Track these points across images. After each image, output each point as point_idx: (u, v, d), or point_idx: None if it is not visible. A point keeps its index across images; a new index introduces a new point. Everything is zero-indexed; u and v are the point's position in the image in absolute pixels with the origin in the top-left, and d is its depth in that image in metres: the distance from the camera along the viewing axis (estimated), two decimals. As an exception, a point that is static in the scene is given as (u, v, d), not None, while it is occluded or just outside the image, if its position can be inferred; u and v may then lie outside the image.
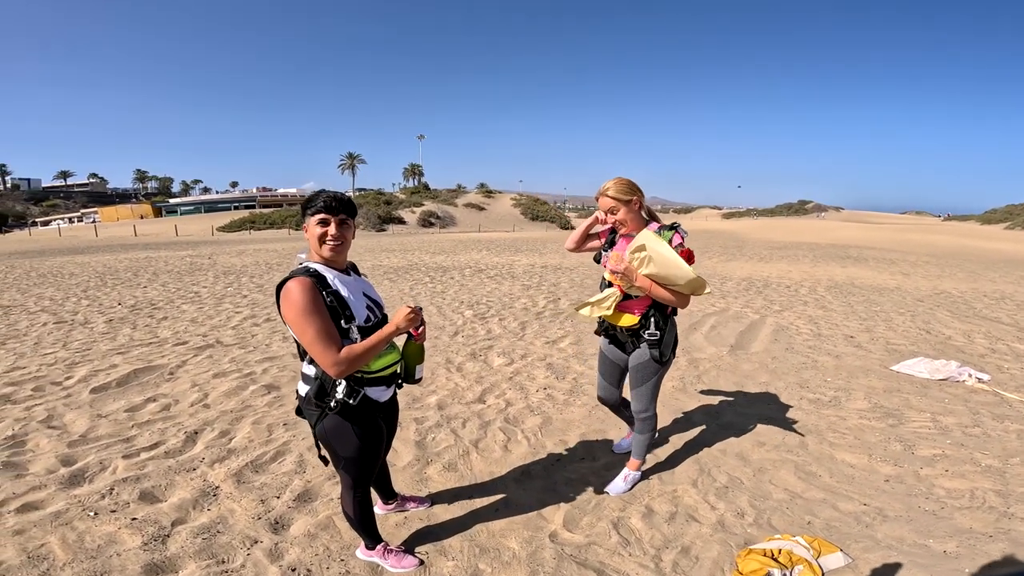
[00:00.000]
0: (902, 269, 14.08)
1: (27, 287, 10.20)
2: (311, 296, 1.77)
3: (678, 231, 2.57)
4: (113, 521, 2.55)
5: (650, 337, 2.68)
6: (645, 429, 2.93)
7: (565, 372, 4.93)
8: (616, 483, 2.99)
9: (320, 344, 1.77)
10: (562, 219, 58.35)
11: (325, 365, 1.80)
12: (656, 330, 2.67)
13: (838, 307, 8.34)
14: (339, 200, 1.90)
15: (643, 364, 2.76)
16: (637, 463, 3.03)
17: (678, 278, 2.41)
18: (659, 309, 2.68)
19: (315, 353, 1.79)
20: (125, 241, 29.84)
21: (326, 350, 1.78)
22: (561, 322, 7.02)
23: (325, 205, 1.88)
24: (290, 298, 1.78)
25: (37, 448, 3.28)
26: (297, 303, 1.76)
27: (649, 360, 2.73)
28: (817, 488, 3.01)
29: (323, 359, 1.79)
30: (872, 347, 5.96)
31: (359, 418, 1.98)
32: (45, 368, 4.86)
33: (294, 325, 1.79)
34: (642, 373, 2.78)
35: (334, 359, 1.79)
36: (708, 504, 2.84)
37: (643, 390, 2.82)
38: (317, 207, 1.89)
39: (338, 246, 1.91)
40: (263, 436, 3.48)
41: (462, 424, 3.74)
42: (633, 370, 2.82)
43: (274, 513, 2.64)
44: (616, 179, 2.59)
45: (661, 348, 2.69)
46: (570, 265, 14.12)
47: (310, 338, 1.77)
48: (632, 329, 2.73)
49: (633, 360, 2.81)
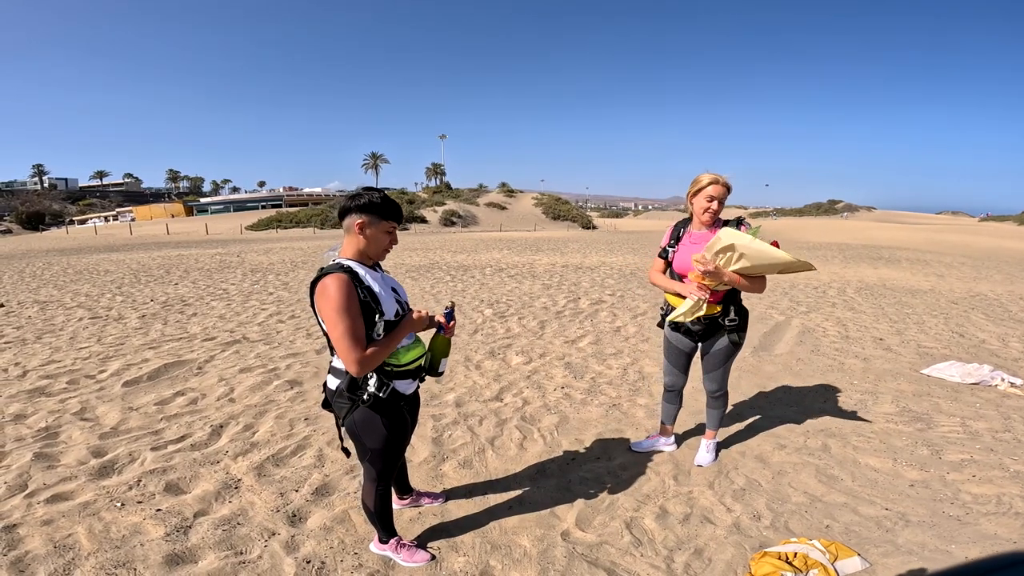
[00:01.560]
0: (936, 271, 13.65)
1: (64, 283, 10.59)
2: (347, 294, 1.83)
3: (743, 223, 2.71)
4: (139, 512, 2.64)
5: (731, 323, 2.85)
6: (719, 405, 3.20)
7: (583, 372, 4.92)
8: (702, 455, 3.25)
9: (348, 341, 1.84)
10: (584, 218, 58.10)
11: (349, 361, 1.86)
12: (736, 316, 2.85)
13: (868, 309, 8.13)
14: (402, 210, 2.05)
15: (722, 349, 2.95)
16: (713, 433, 3.29)
17: (774, 265, 2.49)
18: (735, 296, 2.85)
19: (341, 348, 1.85)
20: (158, 239, 30.74)
21: (352, 348, 1.85)
22: (581, 322, 7.00)
23: (399, 216, 2.01)
24: (327, 294, 1.83)
25: (70, 440, 3.41)
26: (334, 300, 1.82)
27: (728, 345, 2.93)
28: (838, 492, 2.96)
29: (348, 356, 1.85)
30: (902, 350, 5.80)
31: (387, 410, 2.05)
32: (80, 362, 5.05)
33: (327, 320, 1.85)
34: (720, 357, 2.99)
35: (359, 357, 1.86)
36: (724, 506, 2.81)
37: (719, 373, 3.05)
38: (394, 217, 1.99)
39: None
40: (285, 430, 3.56)
41: (479, 422, 3.77)
42: (712, 355, 3.00)
43: (292, 506, 2.70)
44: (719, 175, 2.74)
45: (739, 332, 2.88)
46: (591, 265, 14.06)
47: (339, 334, 1.84)
48: (710, 317, 2.85)
49: (714, 347, 2.98)
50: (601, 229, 50.51)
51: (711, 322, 2.88)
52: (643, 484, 3.01)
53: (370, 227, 1.96)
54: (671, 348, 3.16)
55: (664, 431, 3.43)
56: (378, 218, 1.96)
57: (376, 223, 1.96)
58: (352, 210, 1.95)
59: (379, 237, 1.99)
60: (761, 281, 2.68)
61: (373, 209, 1.94)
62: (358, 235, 1.96)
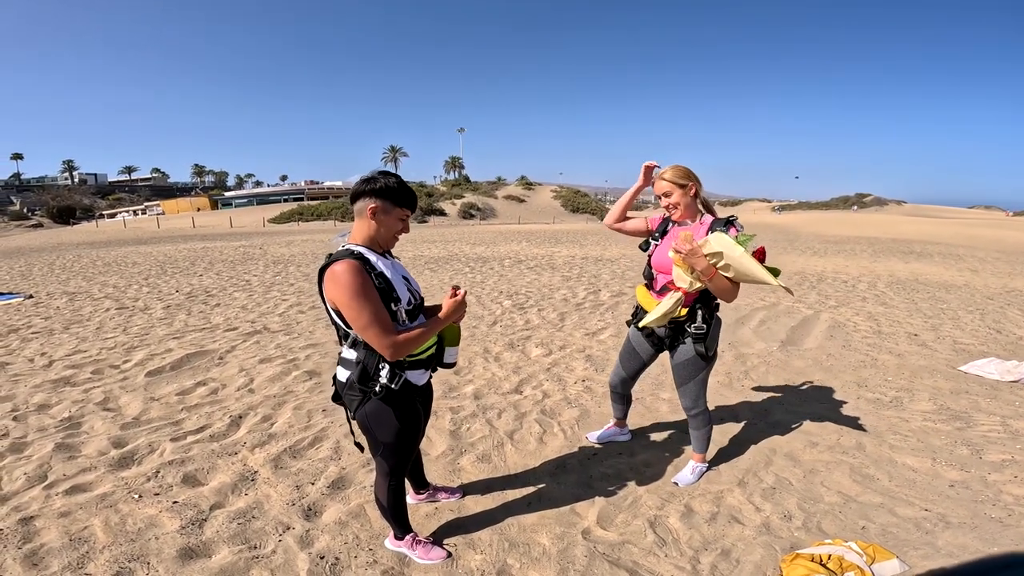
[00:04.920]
0: (970, 266, 13.16)
1: (92, 275, 10.81)
2: (362, 279, 1.75)
3: (734, 225, 2.45)
4: (155, 504, 2.62)
5: (696, 331, 2.58)
6: (699, 425, 2.86)
7: (604, 364, 4.81)
8: (684, 474, 2.93)
9: (377, 327, 1.76)
10: (603, 211, 57.57)
11: (382, 347, 1.77)
12: (703, 323, 2.57)
13: (901, 304, 7.85)
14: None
15: (688, 361, 2.67)
16: (701, 456, 2.96)
17: (756, 282, 2.31)
18: (705, 302, 2.58)
19: (371, 336, 1.76)
20: (184, 232, 31.33)
21: (383, 333, 1.77)
22: (601, 313, 6.88)
23: (413, 204, 1.93)
24: (340, 281, 1.75)
25: (92, 430, 3.43)
26: (349, 286, 1.73)
27: (694, 356, 2.64)
28: (874, 492, 2.83)
29: (380, 342, 1.77)
30: (938, 346, 5.57)
31: (400, 402, 1.97)
32: (105, 352, 5.11)
33: (347, 309, 1.75)
34: (688, 370, 2.70)
35: (391, 341, 1.77)
36: (753, 505, 2.70)
37: (690, 387, 2.75)
38: (408, 204, 1.91)
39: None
40: (303, 421, 3.53)
41: (497, 415, 3.70)
42: (678, 367, 2.73)
43: (308, 500, 2.67)
44: (673, 165, 2.56)
45: (707, 342, 2.59)
46: (611, 257, 13.88)
47: (366, 321, 1.75)
48: (677, 322, 2.62)
49: (678, 357, 2.71)
50: (621, 222, 49.86)
51: (676, 327, 2.64)
52: (667, 481, 2.91)
53: (383, 213, 1.88)
54: (628, 349, 2.94)
55: (618, 424, 3.35)
56: (392, 204, 1.88)
57: (390, 209, 1.89)
58: (366, 194, 1.86)
59: (391, 224, 1.91)
60: (735, 289, 2.40)
61: (388, 194, 1.86)
62: (370, 220, 1.88)
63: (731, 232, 2.39)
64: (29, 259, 15.01)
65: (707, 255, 2.31)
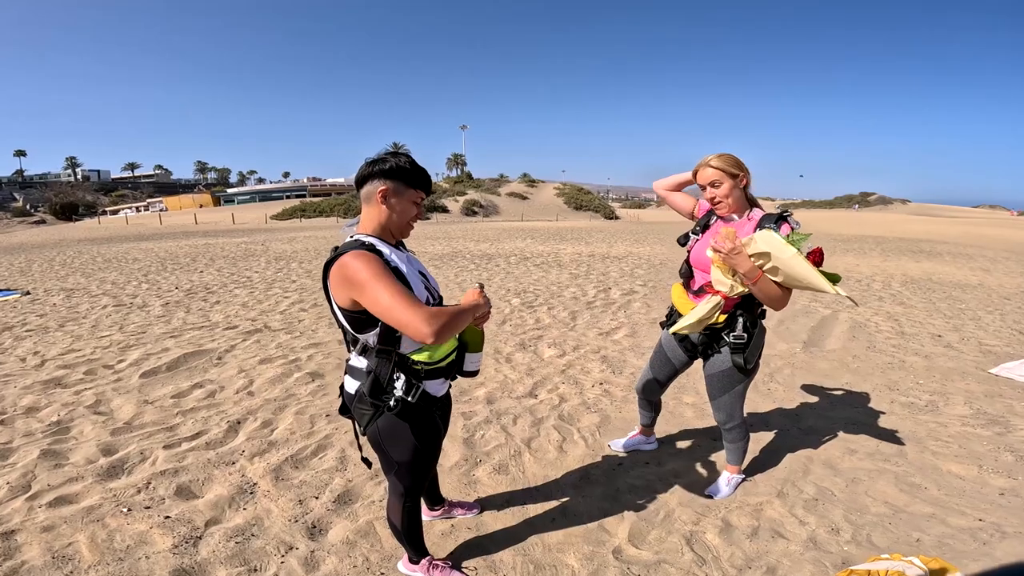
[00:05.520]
0: (981, 265, 12.90)
1: (92, 271, 10.61)
2: (379, 263, 1.52)
3: (787, 221, 2.14)
4: (146, 519, 2.41)
5: (735, 340, 2.30)
6: (735, 439, 2.62)
7: (622, 366, 4.59)
8: (719, 486, 2.71)
9: (403, 303, 1.45)
10: (607, 209, 57.33)
11: (418, 324, 1.44)
12: (743, 332, 2.28)
13: (919, 303, 7.62)
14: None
15: (725, 373, 2.41)
16: (736, 467, 2.73)
17: (810, 288, 2.02)
18: (748, 308, 2.28)
19: (399, 317, 1.45)
20: (187, 229, 31.14)
21: (413, 308, 1.45)
22: (614, 312, 6.66)
23: (427, 185, 1.71)
24: (351, 268, 1.50)
25: (81, 435, 3.22)
26: (364, 268, 1.49)
27: (731, 368, 2.37)
28: (923, 501, 2.64)
29: (414, 318, 1.44)
30: (964, 347, 5.35)
31: (417, 417, 1.73)
32: (100, 351, 4.90)
33: (366, 294, 1.48)
34: (724, 382, 2.44)
35: (426, 316, 1.45)
36: (796, 518, 2.49)
37: (726, 400, 2.49)
38: (423, 185, 1.69)
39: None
40: (305, 428, 3.32)
41: (513, 421, 3.48)
42: (713, 378, 2.47)
43: (312, 516, 2.45)
44: (720, 153, 2.25)
45: (746, 354, 2.31)
46: (618, 254, 13.65)
47: (387, 303, 1.46)
48: (713, 329, 2.34)
49: (712, 367, 2.44)
50: (624, 220, 49.70)
51: (712, 333, 2.36)
52: (701, 493, 2.70)
53: (395, 196, 1.65)
54: (660, 354, 2.69)
55: (644, 431, 3.11)
56: (405, 185, 1.65)
57: (403, 192, 1.65)
58: (374, 176, 1.63)
59: (405, 208, 1.68)
60: (785, 296, 2.10)
61: (400, 175, 1.63)
62: (380, 205, 1.64)
63: (782, 229, 2.12)
64: (30, 255, 14.82)
65: (752, 255, 2.04)
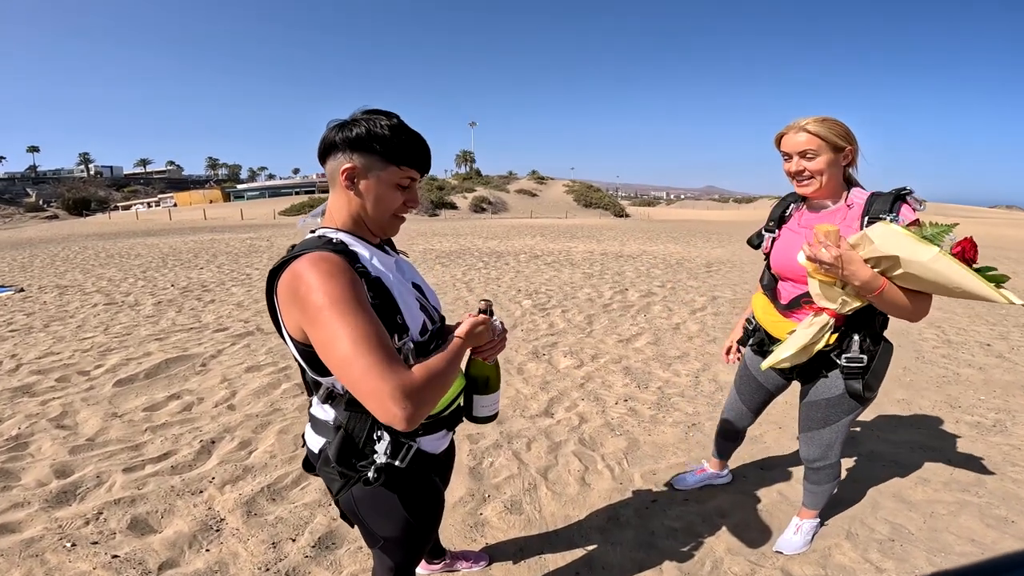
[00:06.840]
0: (1008, 268, 12.27)
1: (91, 268, 10.33)
2: (345, 280, 0.98)
3: (907, 201, 1.57)
4: (91, 557, 2.04)
5: (850, 365, 1.75)
6: (823, 480, 2.08)
7: (647, 380, 4.12)
8: (788, 538, 2.19)
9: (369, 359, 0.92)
10: (616, 206, 56.75)
11: (381, 400, 0.91)
12: (861, 353, 1.74)
13: (957, 308, 7.07)
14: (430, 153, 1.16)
15: (832, 401, 1.85)
16: (813, 513, 2.21)
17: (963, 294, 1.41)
18: (865, 321, 1.73)
19: (358, 381, 0.93)
20: (195, 224, 31.02)
21: (382, 371, 0.92)
22: (633, 316, 6.19)
23: (419, 160, 1.12)
24: (303, 283, 0.98)
25: (38, 453, 2.84)
26: (323, 287, 0.96)
27: (843, 395, 1.82)
28: (1013, 537, 2.26)
29: (376, 392, 0.91)
30: (1016, 358, 4.86)
31: (409, 485, 1.23)
32: (78, 355, 4.54)
33: (316, 328, 0.97)
34: (829, 411, 1.88)
35: (398, 389, 0.91)
36: (870, 563, 2.08)
37: (825, 434, 1.93)
38: (411, 160, 1.11)
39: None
40: (287, 451, 2.90)
41: (526, 445, 3.03)
42: (813, 407, 1.92)
43: (286, 563, 2.03)
44: (825, 116, 1.65)
45: (867, 378, 1.76)
46: (632, 253, 13.16)
47: (345, 350, 0.93)
48: (820, 350, 1.77)
49: (817, 393, 1.89)
50: (634, 217, 49.08)
51: (818, 355, 1.78)
52: (753, 536, 2.26)
53: (367, 177, 1.10)
54: (748, 380, 2.17)
55: (716, 464, 2.61)
56: (384, 161, 1.09)
57: (380, 170, 1.10)
58: (338, 146, 1.10)
59: (384, 195, 1.12)
60: (921, 303, 1.53)
61: (375, 145, 1.07)
62: (346, 190, 1.12)
63: (903, 214, 1.55)
64: (34, 250, 14.64)
65: (867, 260, 1.48)
